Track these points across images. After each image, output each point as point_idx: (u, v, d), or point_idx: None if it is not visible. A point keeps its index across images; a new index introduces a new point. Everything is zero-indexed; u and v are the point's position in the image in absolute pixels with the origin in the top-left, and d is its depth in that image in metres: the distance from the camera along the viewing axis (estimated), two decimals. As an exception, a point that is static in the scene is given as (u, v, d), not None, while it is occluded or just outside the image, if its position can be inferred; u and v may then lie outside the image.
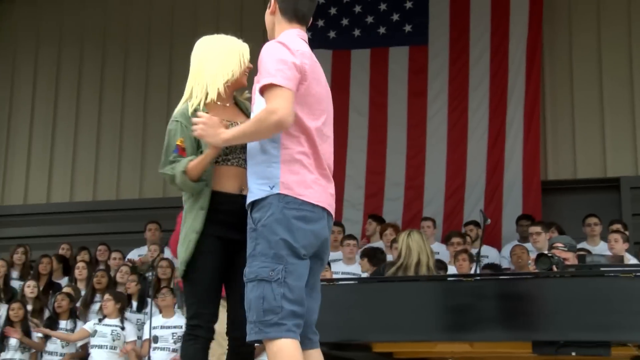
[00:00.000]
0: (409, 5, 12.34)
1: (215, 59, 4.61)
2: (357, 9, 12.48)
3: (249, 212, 3.99)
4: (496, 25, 11.92)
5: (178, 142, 4.48)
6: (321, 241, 4.02)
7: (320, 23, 12.45)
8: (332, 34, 12.50)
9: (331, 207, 4.08)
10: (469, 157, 11.69)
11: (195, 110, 4.44)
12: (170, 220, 11.24)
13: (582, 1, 11.98)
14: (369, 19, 12.43)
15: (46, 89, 13.75)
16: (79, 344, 9.35)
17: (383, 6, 12.44)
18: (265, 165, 3.99)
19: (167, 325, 8.94)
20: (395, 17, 12.36)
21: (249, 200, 4.02)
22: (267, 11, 4.25)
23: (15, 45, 13.99)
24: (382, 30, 12.40)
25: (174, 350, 8.77)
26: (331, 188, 4.09)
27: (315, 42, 12.37)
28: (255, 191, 3.98)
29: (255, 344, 4.20)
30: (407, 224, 10.81)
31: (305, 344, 4.02)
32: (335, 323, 6.19)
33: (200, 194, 4.43)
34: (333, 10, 12.54)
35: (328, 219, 4.06)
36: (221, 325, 4.44)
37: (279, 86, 3.83)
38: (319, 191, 3.97)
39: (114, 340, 9.07)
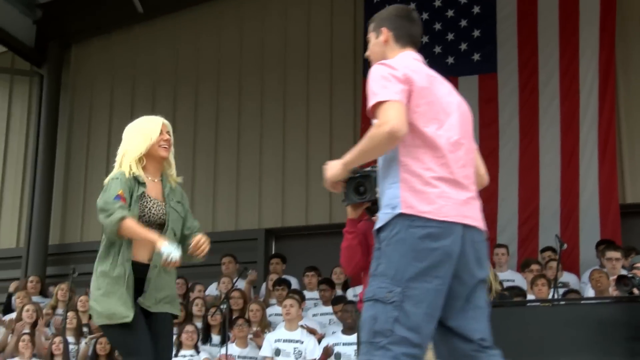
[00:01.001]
0: (476, 34, 12.35)
1: (127, 141, 5.27)
2: (425, 39, 12.41)
3: (375, 234, 3.88)
4: (565, 45, 11.82)
5: (119, 192, 4.96)
6: (455, 258, 3.75)
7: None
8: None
9: (468, 218, 3.82)
10: (542, 181, 11.55)
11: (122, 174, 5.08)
12: (242, 253, 11.50)
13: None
14: (437, 49, 12.44)
15: (121, 128, 13.74)
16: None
17: (450, 36, 12.48)
18: (387, 188, 3.91)
19: (242, 355, 9.08)
20: (464, 46, 12.39)
21: (377, 226, 3.89)
22: (375, 41, 4.25)
23: (92, 87, 14.27)
24: (450, 60, 12.43)
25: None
26: (467, 197, 3.87)
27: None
28: (381, 217, 3.86)
29: None
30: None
31: None
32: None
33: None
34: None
35: (465, 232, 3.79)
36: None
37: (385, 101, 3.74)
38: (446, 205, 3.75)
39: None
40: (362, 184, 5.09)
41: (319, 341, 9.17)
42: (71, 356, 9.74)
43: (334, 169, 4.11)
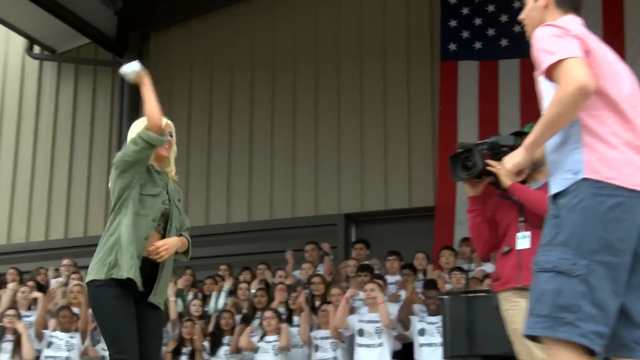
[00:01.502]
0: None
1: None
2: (504, 18, 12.37)
3: (550, 200, 3.58)
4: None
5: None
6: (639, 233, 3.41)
7: (465, 34, 12.47)
8: (477, 45, 12.46)
9: None
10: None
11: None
12: (322, 238, 11.55)
13: None
14: (517, 28, 12.31)
15: (200, 116, 14.16)
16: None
17: (504, 17, 12.38)
18: (566, 155, 3.57)
19: (326, 336, 9.21)
20: (518, 28, 12.10)
21: (550, 193, 3.61)
22: (534, 5, 3.94)
23: (171, 75, 14.39)
24: (504, 42, 12.36)
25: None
26: None
27: (461, 54, 12.49)
28: (558, 183, 3.54)
29: None
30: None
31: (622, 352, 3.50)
32: (502, 335, 6.22)
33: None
34: (478, 21, 12.52)
35: None
36: None
37: (564, 59, 3.44)
38: (634, 173, 3.42)
39: (276, 355, 9.35)
40: (468, 159, 5.01)
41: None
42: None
43: (515, 157, 3.86)
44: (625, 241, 3.37)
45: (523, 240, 5.02)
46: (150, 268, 5.13)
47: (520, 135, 5.05)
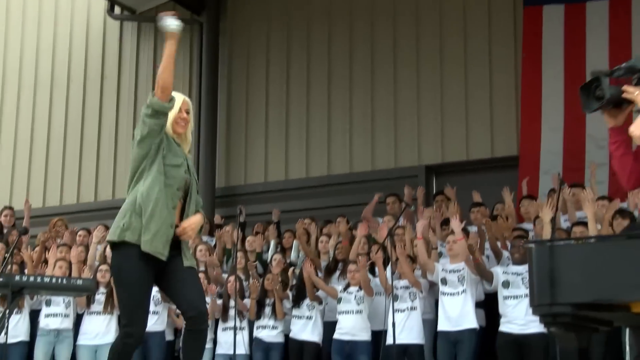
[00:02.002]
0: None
1: None
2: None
3: None
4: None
5: None
6: None
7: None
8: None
9: None
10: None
11: None
12: (400, 189, 11.41)
13: None
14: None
15: (279, 72, 14.10)
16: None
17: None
18: None
19: (405, 285, 9.10)
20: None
21: None
22: None
23: (249, 32, 14.40)
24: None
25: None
26: None
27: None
28: None
29: None
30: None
31: None
32: (590, 283, 6.04)
33: None
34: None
35: None
36: None
37: None
38: None
39: (358, 305, 9.28)
40: (598, 87, 4.74)
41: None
42: (245, 291, 10.01)
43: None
44: None
45: None
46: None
47: None
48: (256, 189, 13.81)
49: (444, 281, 8.87)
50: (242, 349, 9.54)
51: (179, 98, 5.45)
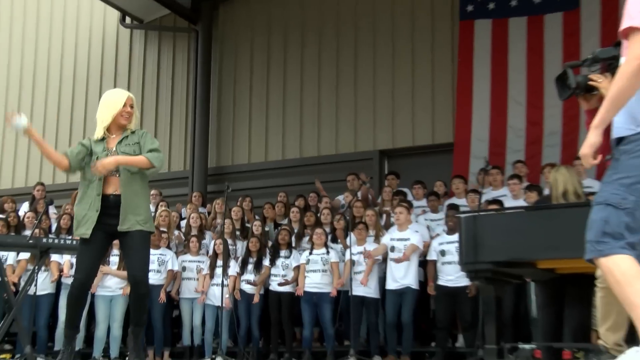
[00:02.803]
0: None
1: (99, 110, 5.66)
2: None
3: (614, 145, 3.38)
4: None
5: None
6: None
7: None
8: (491, 5, 12.03)
9: None
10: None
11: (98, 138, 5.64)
12: (359, 170, 11.45)
13: None
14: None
15: (260, 71, 14.04)
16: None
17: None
18: (633, 105, 3.29)
19: (360, 250, 9.17)
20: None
21: (615, 135, 3.41)
22: None
23: (236, 38, 14.33)
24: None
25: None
26: None
27: (477, 13, 12.19)
28: (622, 130, 3.35)
29: None
30: (564, 164, 10.54)
31: None
32: (505, 245, 6.16)
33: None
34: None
35: None
36: None
37: (636, 28, 3.15)
38: None
39: (323, 265, 9.35)
40: (567, 78, 4.70)
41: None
42: (231, 253, 10.04)
43: (588, 141, 3.37)
44: None
45: None
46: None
47: (619, 45, 4.64)
48: (241, 169, 13.82)
49: (392, 249, 8.99)
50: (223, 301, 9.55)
51: (124, 95, 5.64)
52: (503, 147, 11.46)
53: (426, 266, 9.15)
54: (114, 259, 9.62)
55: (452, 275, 8.57)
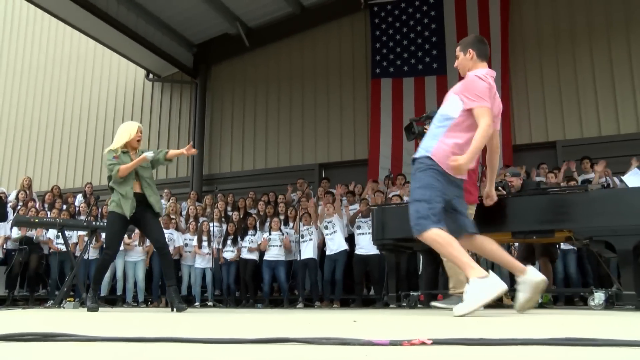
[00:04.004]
0: (434, 52, 11.93)
1: (118, 134, 5.50)
2: (405, 55, 12.20)
3: (412, 160, 3.70)
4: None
5: (114, 156, 5.33)
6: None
7: (384, 62, 12.22)
8: (391, 69, 12.11)
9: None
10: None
11: (114, 150, 5.39)
12: (305, 176, 11.37)
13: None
14: (412, 60, 12.15)
15: (240, 109, 13.87)
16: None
17: (420, 53, 12.04)
18: (429, 138, 3.72)
19: (307, 228, 9.07)
20: (427, 59, 11.97)
21: (412, 155, 3.77)
22: (464, 57, 3.80)
23: (223, 90, 14.10)
24: (420, 66, 11.98)
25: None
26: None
27: (382, 74, 12.24)
28: (418, 152, 3.72)
29: None
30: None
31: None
32: (401, 226, 6.14)
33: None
34: (391, 55, 12.24)
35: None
36: None
37: (483, 107, 3.49)
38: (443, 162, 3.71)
39: (280, 242, 9.26)
40: (412, 128, 5.15)
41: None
42: (216, 235, 9.82)
43: (462, 159, 3.47)
44: (443, 185, 3.56)
45: None
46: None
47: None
48: (225, 175, 13.57)
49: (326, 227, 8.94)
50: (210, 264, 9.48)
51: (135, 126, 5.50)
52: (400, 162, 11.49)
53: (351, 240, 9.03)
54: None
55: (366, 246, 8.49)
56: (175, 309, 5.20)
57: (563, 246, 7.57)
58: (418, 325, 2.59)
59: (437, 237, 3.42)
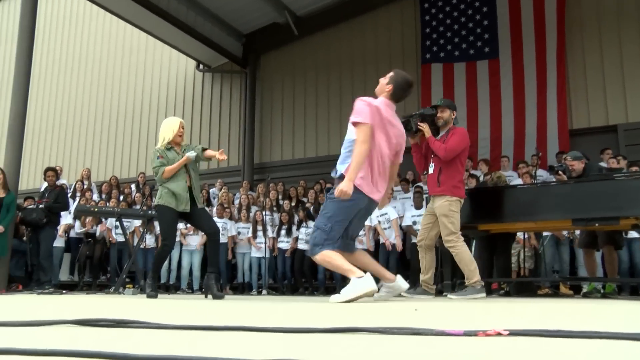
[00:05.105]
0: (486, 36, 11.64)
1: (161, 131, 5.63)
2: (456, 39, 11.94)
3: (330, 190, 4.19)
4: (538, 38, 11.01)
5: (159, 156, 5.45)
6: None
7: (434, 48, 11.99)
8: (442, 54, 11.88)
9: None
10: (527, 113, 10.95)
11: (159, 149, 5.50)
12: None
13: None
14: (464, 45, 11.87)
15: (289, 97, 13.91)
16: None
17: (471, 37, 11.74)
18: (342, 160, 4.12)
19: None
20: (479, 43, 11.68)
21: (334, 174, 4.15)
22: (384, 84, 4.21)
23: (272, 78, 14.15)
24: (471, 51, 11.69)
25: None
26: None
27: (432, 59, 12.03)
28: (335, 172, 4.16)
29: None
30: (493, 160, 10.42)
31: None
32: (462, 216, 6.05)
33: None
34: (442, 40, 11.99)
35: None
36: None
37: (363, 123, 3.87)
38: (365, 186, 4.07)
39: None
40: (408, 124, 5.28)
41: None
42: (268, 222, 9.87)
43: (343, 186, 3.87)
44: (351, 214, 3.99)
45: (431, 167, 5.29)
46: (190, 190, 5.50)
47: (436, 107, 5.37)
48: (276, 164, 13.66)
49: (379, 222, 8.83)
50: (266, 254, 9.54)
51: (177, 122, 5.64)
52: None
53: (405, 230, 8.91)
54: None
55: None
56: (212, 296, 5.27)
57: (630, 234, 7.26)
58: (483, 315, 2.52)
59: (324, 257, 3.93)
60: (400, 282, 4.24)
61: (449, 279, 6.16)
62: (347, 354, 1.20)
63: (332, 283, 9.51)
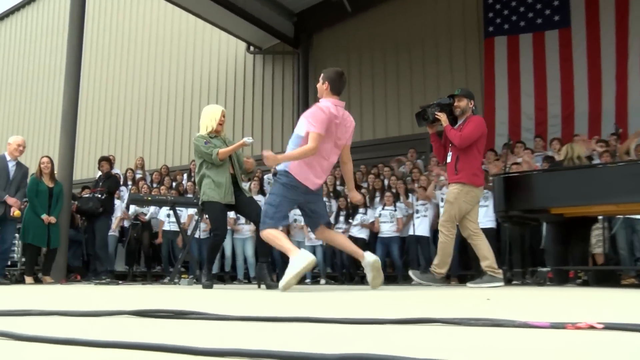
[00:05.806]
0: (556, 2, 11.14)
1: (204, 119, 5.71)
2: (522, 9, 11.48)
3: (274, 171, 5.03)
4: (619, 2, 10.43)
5: (206, 140, 5.49)
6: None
7: (498, 20, 11.60)
8: (506, 26, 11.43)
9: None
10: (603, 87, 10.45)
11: (204, 136, 5.57)
12: (418, 147, 11.12)
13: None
14: (530, 14, 11.44)
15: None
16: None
17: (539, 5, 11.26)
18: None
19: (422, 203, 8.89)
20: (547, 11, 11.22)
21: (273, 171, 4.99)
22: (321, 85, 4.59)
23: (325, 58, 13.99)
24: (539, 20, 11.22)
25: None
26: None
27: (496, 32, 11.65)
28: (280, 166, 4.67)
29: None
30: (565, 138, 10.02)
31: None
32: (527, 197, 5.87)
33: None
34: (506, 11, 11.56)
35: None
36: None
37: (316, 132, 4.34)
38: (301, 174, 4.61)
39: (391, 218, 9.17)
40: (425, 114, 5.54)
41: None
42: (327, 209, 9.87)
43: (273, 158, 4.43)
44: (294, 196, 4.54)
45: (449, 155, 5.54)
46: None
47: (453, 96, 5.57)
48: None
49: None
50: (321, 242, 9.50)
51: (219, 110, 5.72)
52: (519, 127, 10.93)
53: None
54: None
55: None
56: (265, 286, 5.28)
57: None
58: (565, 306, 2.41)
59: (269, 234, 4.46)
60: (368, 257, 4.64)
61: (519, 267, 5.98)
62: (426, 346, 1.14)
63: (392, 272, 9.43)
